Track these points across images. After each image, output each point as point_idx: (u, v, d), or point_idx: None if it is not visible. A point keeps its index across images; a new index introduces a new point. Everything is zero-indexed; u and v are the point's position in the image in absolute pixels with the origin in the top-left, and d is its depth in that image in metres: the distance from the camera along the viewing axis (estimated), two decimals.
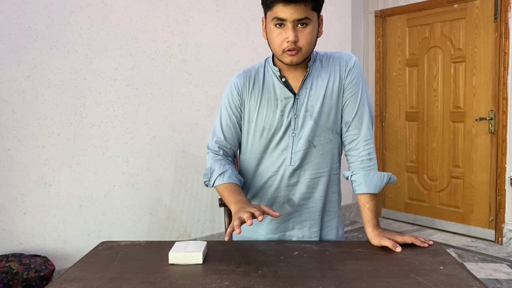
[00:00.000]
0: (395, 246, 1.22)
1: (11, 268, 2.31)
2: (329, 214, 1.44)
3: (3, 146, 2.52)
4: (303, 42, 1.27)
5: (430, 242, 1.26)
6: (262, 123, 1.37)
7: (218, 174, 1.36)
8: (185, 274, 1.09)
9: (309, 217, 1.41)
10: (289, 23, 1.24)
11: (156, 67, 3.06)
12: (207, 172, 1.39)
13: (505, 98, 3.43)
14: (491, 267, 3.04)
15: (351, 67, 1.37)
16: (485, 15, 3.54)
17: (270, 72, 1.40)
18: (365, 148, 1.35)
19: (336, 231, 1.46)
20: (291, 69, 1.36)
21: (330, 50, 4.28)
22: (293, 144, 1.36)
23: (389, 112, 4.29)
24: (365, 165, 1.35)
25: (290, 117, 1.36)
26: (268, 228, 1.42)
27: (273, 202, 1.41)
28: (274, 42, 1.29)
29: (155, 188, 3.09)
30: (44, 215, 2.66)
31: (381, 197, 4.39)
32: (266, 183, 1.40)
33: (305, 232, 1.42)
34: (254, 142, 1.40)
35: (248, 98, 1.39)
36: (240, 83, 1.41)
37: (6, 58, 2.50)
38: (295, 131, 1.36)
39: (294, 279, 1.04)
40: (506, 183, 3.46)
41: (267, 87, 1.38)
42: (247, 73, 1.42)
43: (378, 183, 1.33)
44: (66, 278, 1.09)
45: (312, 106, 1.35)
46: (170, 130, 3.15)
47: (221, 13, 3.34)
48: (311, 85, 1.36)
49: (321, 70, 1.37)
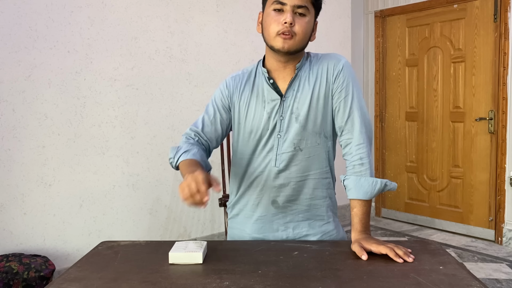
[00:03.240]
0: (361, 254, 1.17)
1: (11, 268, 2.31)
2: (322, 219, 1.42)
3: (3, 146, 2.52)
4: (298, 29, 1.28)
5: (408, 259, 1.13)
6: (250, 125, 1.38)
7: (183, 152, 1.34)
8: (185, 274, 1.09)
9: (293, 219, 1.40)
10: (289, 7, 1.27)
11: (156, 67, 3.06)
12: (173, 149, 1.38)
13: (504, 98, 3.43)
14: (491, 267, 3.05)
15: (339, 70, 1.34)
16: (485, 15, 3.54)
17: (260, 74, 1.41)
18: (357, 153, 1.33)
19: (335, 237, 1.44)
20: (280, 70, 1.36)
21: (330, 50, 4.28)
22: (278, 145, 1.36)
23: (389, 112, 4.29)
24: (357, 170, 1.32)
25: (276, 119, 1.36)
26: (253, 228, 1.43)
27: (259, 203, 1.41)
28: (269, 25, 1.30)
29: (155, 188, 3.09)
30: (44, 215, 2.67)
31: (381, 197, 4.39)
32: (253, 183, 1.41)
33: (289, 234, 1.41)
34: (243, 143, 1.41)
35: (238, 100, 1.41)
36: (232, 85, 1.42)
37: (6, 58, 2.51)
38: (280, 132, 1.36)
39: (294, 279, 1.04)
40: (505, 183, 3.46)
41: (257, 89, 1.39)
42: (241, 75, 1.44)
43: (368, 189, 1.29)
44: (66, 278, 1.09)
45: (297, 108, 1.35)
46: (170, 130, 3.15)
47: (221, 13, 3.34)
48: (298, 87, 1.36)
49: (310, 72, 1.37)
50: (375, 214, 4.43)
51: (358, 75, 4.43)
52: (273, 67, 1.37)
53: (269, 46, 1.33)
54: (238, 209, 1.47)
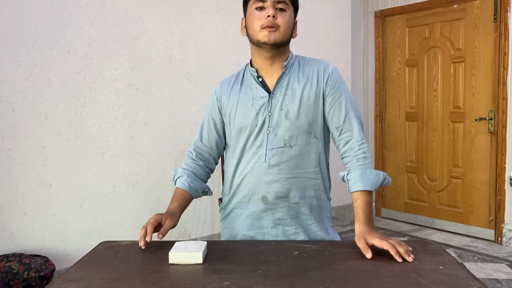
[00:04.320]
0: (366, 252, 1.17)
1: (12, 268, 2.31)
2: (311, 219, 1.43)
3: (3, 146, 2.52)
4: (281, 21, 1.35)
5: (409, 259, 1.14)
6: (239, 123, 1.42)
7: (177, 177, 1.47)
8: (185, 274, 1.10)
9: (282, 216, 1.42)
10: (269, 3, 1.35)
11: (156, 67, 3.06)
12: (172, 172, 1.51)
13: (504, 98, 3.43)
14: (491, 267, 3.05)
15: (329, 74, 1.41)
16: (485, 15, 3.54)
17: (248, 74, 1.46)
18: (360, 148, 1.37)
19: (323, 239, 1.44)
20: (267, 68, 1.42)
21: (330, 50, 4.27)
22: (268, 141, 1.39)
23: (389, 112, 4.29)
24: (361, 163, 1.36)
25: (265, 115, 1.39)
26: (243, 225, 1.45)
27: (249, 200, 1.43)
28: (253, 22, 1.37)
29: (155, 188, 3.09)
30: (44, 215, 2.67)
31: (381, 197, 4.40)
32: (243, 180, 1.43)
33: (279, 231, 1.42)
34: (234, 141, 1.45)
35: (227, 100, 1.46)
36: (220, 89, 1.50)
37: (6, 58, 2.51)
38: (269, 128, 1.39)
39: (294, 279, 1.04)
40: (505, 183, 3.46)
41: (245, 88, 1.45)
42: (229, 79, 1.51)
43: (374, 180, 1.33)
44: (66, 278, 1.09)
45: (287, 105, 1.38)
46: (170, 130, 3.15)
47: (221, 13, 3.34)
48: (287, 85, 1.40)
49: (299, 72, 1.42)
50: (375, 214, 4.43)
51: (358, 75, 4.43)
52: (261, 66, 1.43)
53: (255, 43, 1.39)
54: (230, 208, 1.49)
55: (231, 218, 1.49)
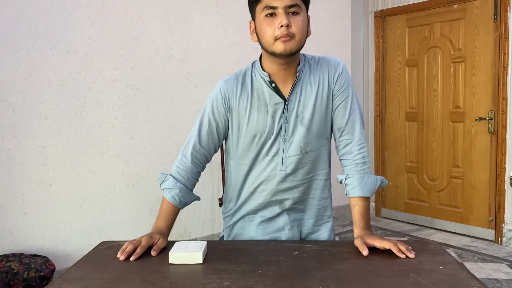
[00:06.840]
0: (362, 249, 1.20)
1: (12, 268, 2.31)
2: (322, 219, 1.46)
3: (3, 146, 2.52)
4: (295, 29, 1.24)
5: (410, 255, 1.16)
6: (253, 129, 1.35)
7: (166, 187, 1.38)
8: (185, 274, 1.10)
9: (300, 217, 1.43)
10: (281, 9, 1.23)
11: (156, 67, 3.06)
12: (161, 177, 1.41)
13: (504, 98, 3.43)
14: (491, 267, 3.05)
15: (339, 73, 1.36)
16: (485, 15, 3.54)
17: (258, 77, 1.36)
18: (359, 152, 1.36)
19: (328, 236, 1.46)
20: (280, 73, 1.33)
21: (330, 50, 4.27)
22: (284, 149, 1.36)
23: (389, 112, 4.29)
24: (360, 168, 1.35)
25: (281, 122, 1.35)
26: (258, 230, 1.43)
27: (264, 207, 1.42)
28: (265, 32, 1.26)
29: (155, 188, 3.09)
30: (44, 215, 2.67)
31: (381, 197, 4.40)
32: (258, 188, 1.40)
33: (294, 233, 1.43)
34: (245, 148, 1.38)
35: (237, 104, 1.36)
36: (227, 90, 1.37)
37: (6, 58, 2.51)
38: (285, 136, 1.36)
39: (294, 279, 1.04)
40: (505, 183, 3.46)
41: (256, 92, 1.36)
42: (235, 78, 1.38)
43: (371, 186, 1.34)
44: (66, 278, 1.09)
45: (302, 112, 1.34)
46: (170, 130, 3.15)
47: (221, 13, 3.34)
48: (301, 91, 1.35)
49: (310, 75, 1.36)
50: (375, 214, 4.43)
51: (358, 75, 4.43)
52: (273, 71, 1.34)
53: (269, 53, 1.29)
54: (239, 215, 1.46)
55: (242, 224, 1.46)
